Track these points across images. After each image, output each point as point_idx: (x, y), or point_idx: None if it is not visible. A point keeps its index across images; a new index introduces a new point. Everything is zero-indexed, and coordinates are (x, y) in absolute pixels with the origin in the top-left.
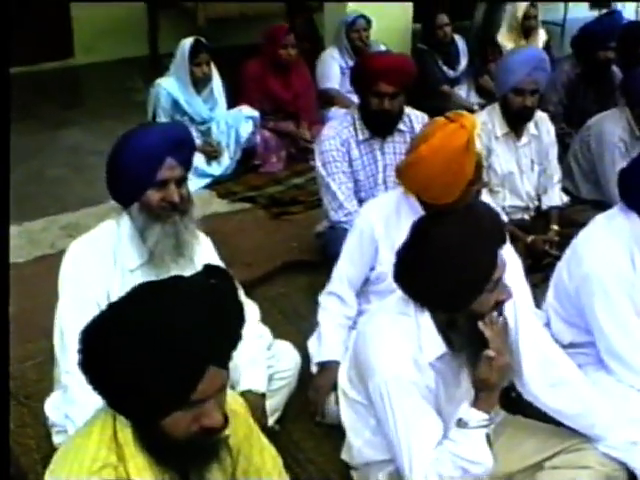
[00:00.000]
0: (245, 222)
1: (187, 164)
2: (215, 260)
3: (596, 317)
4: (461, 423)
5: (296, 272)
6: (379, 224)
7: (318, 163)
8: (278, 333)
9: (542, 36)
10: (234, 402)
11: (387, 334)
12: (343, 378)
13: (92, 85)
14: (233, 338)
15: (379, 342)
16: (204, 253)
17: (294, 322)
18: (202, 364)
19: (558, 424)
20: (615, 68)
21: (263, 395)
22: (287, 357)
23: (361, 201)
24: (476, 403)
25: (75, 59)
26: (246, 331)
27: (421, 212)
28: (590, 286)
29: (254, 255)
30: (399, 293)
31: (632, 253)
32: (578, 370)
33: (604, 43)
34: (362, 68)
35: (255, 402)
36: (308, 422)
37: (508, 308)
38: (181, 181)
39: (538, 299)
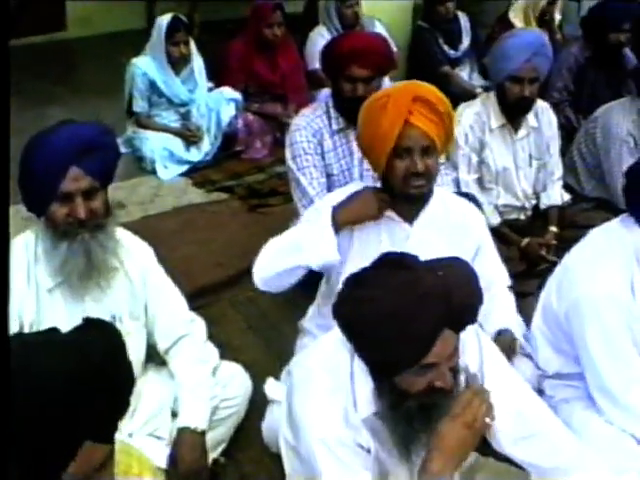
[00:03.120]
0: (220, 214)
1: (100, 174)
2: (151, 274)
3: (587, 347)
4: None
5: None
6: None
7: (288, 155)
8: (240, 344)
9: (554, 16)
10: None
11: (316, 384)
12: (283, 419)
13: (85, 60)
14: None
15: (306, 394)
16: (138, 267)
17: (260, 331)
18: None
19: None
20: (628, 52)
21: (203, 433)
22: (235, 383)
23: None
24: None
25: (68, 32)
26: (188, 356)
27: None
28: (583, 311)
29: (226, 252)
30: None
31: (632, 275)
32: (559, 423)
33: (617, 25)
34: (332, 51)
35: (193, 441)
36: (260, 451)
37: (472, 355)
38: (92, 193)
39: (531, 309)
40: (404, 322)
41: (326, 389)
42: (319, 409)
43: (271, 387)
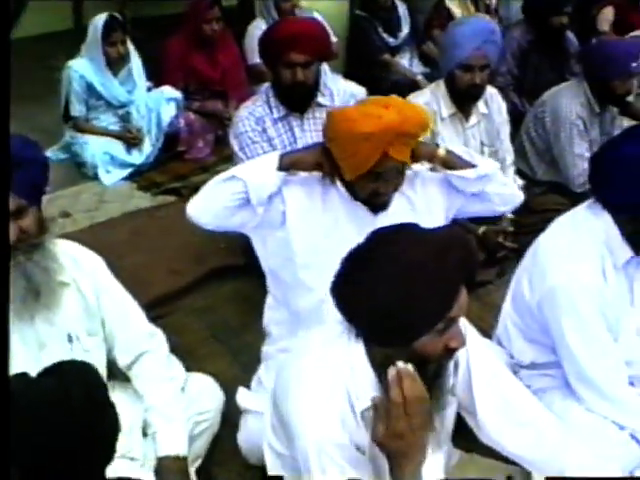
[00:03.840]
0: (169, 219)
1: (27, 191)
2: (104, 286)
3: (564, 337)
4: None
5: (223, 278)
6: (294, 205)
7: (235, 148)
8: (205, 353)
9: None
10: None
11: (310, 384)
12: (268, 427)
13: (13, 64)
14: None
15: (300, 396)
16: (89, 280)
17: (223, 339)
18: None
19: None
20: (570, 34)
21: (185, 457)
22: (207, 396)
23: None
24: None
25: None
26: (153, 375)
27: (349, 200)
28: (556, 302)
29: (180, 259)
30: (334, 316)
31: (603, 261)
32: (544, 410)
33: (558, 8)
34: (269, 38)
35: (177, 468)
36: (238, 464)
37: None
38: (21, 212)
39: (493, 298)
40: (429, 276)
41: (322, 389)
42: (315, 412)
43: (243, 397)
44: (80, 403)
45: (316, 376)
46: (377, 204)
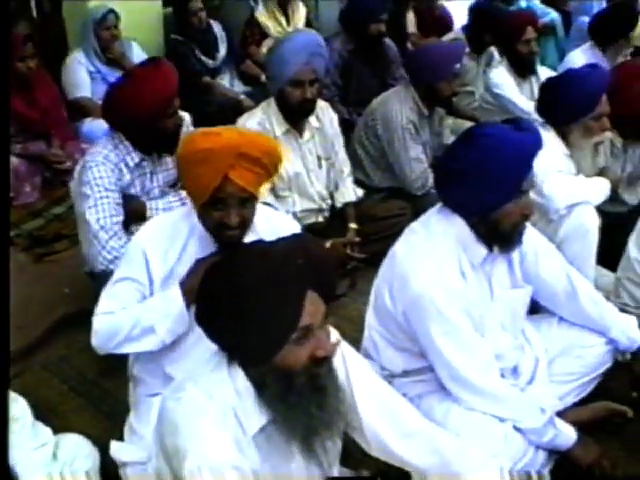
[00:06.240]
0: None
1: None
2: None
3: (433, 342)
4: None
5: (76, 326)
6: (153, 248)
7: (82, 189)
8: (67, 409)
9: (301, 9)
10: None
11: (199, 415)
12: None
13: None
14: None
15: (191, 427)
16: None
17: (83, 391)
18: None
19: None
20: (388, 40)
21: None
22: (81, 455)
23: None
24: None
25: None
26: (21, 444)
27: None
28: (422, 309)
29: (24, 313)
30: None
31: (460, 261)
32: (427, 421)
33: (375, 16)
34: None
35: None
36: None
37: (337, 364)
38: None
39: (349, 310)
40: (268, 289)
41: (212, 418)
42: (210, 439)
43: (118, 450)
44: None
45: (204, 406)
46: (229, 240)
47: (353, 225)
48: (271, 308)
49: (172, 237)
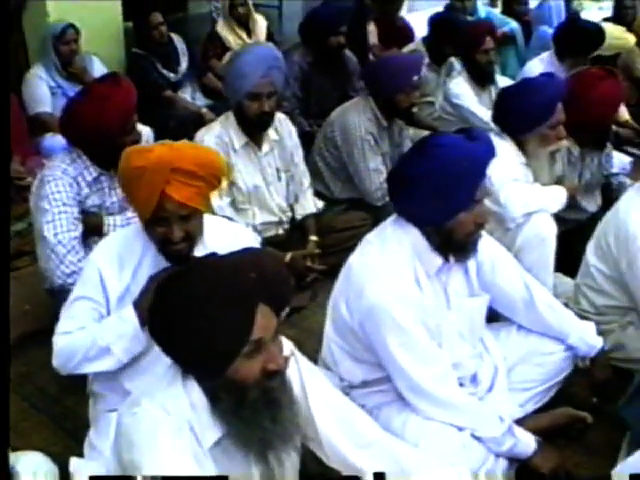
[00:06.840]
0: None
1: None
2: None
3: (390, 353)
4: None
5: (36, 343)
6: (108, 267)
7: (40, 203)
8: (27, 426)
9: (261, 23)
10: None
11: (155, 428)
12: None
13: None
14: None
15: (146, 441)
16: None
17: (42, 408)
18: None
19: None
20: (348, 52)
21: None
22: (41, 476)
23: None
24: None
25: None
26: None
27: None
28: (377, 319)
29: None
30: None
31: (416, 271)
32: (384, 432)
33: (334, 28)
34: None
35: None
36: None
37: (293, 376)
38: None
39: (310, 322)
40: (218, 303)
41: (167, 431)
42: (165, 451)
43: (77, 467)
44: None
45: (159, 420)
46: (176, 255)
47: (313, 237)
48: (221, 321)
49: (126, 254)
